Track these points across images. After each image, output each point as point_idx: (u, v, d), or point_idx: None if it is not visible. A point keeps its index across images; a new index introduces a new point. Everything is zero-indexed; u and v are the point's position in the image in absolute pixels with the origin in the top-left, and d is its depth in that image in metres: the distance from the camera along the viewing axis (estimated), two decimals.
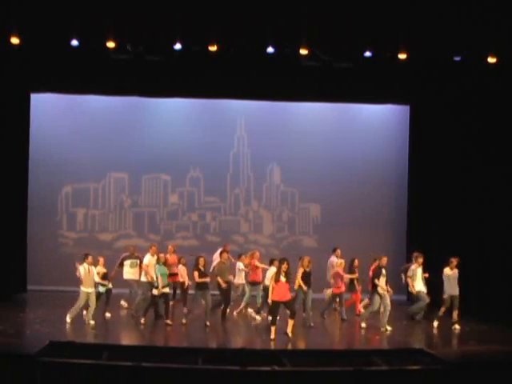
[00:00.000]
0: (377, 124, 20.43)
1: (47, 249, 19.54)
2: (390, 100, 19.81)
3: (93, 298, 14.44)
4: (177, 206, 20.40)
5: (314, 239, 20.35)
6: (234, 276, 16.06)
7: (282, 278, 13.20)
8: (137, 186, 20.28)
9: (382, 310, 15.13)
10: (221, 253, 15.67)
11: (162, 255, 15.03)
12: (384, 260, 14.85)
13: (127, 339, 13.78)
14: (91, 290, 14.45)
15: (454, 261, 15.16)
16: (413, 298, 15.91)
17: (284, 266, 13.20)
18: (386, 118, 20.48)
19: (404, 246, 19.67)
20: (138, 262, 16.07)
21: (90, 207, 20.21)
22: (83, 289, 14.40)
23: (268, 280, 15.12)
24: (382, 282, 14.61)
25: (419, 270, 15.44)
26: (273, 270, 14.89)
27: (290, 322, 13.26)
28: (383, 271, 14.66)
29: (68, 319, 14.31)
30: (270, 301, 13.37)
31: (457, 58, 17.00)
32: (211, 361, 10.90)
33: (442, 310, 15.09)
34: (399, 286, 16.81)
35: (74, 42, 16.06)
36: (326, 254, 17.41)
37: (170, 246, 17.11)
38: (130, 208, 20.30)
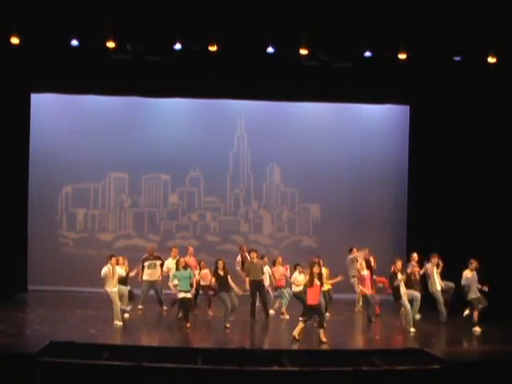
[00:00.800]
0: (377, 124, 20.43)
1: (47, 249, 19.53)
2: (390, 100, 19.81)
3: (116, 298, 14.45)
4: (177, 206, 20.40)
5: (313, 239, 20.35)
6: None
7: (317, 282, 13.14)
8: (137, 186, 20.28)
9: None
10: (249, 252, 15.88)
11: (182, 259, 14.81)
12: (398, 264, 14.70)
13: (127, 339, 13.77)
14: (115, 289, 14.44)
15: (474, 262, 14.89)
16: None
17: (316, 269, 13.14)
18: (385, 117, 20.47)
19: (404, 245, 19.66)
20: (157, 262, 16.15)
21: (90, 207, 20.20)
22: (110, 289, 14.38)
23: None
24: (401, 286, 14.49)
25: (436, 269, 15.36)
26: (296, 274, 15.03)
27: (301, 326, 13.13)
28: (399, 276, 14.53)
29: (119, 323, 14.30)
30: (307, 304, 13.32)
31: (457, 58, 17.01)
32: (211, 361, 10.90)
33: (476, 314, 14.71)
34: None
35: (74, 42, 16.08)
36: (325, 254, 17.38)
37: (190, 248, 17.11)
38: (130, 208, 20.30)
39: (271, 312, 16.13)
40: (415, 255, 16.19)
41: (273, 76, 18.05)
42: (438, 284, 15.36)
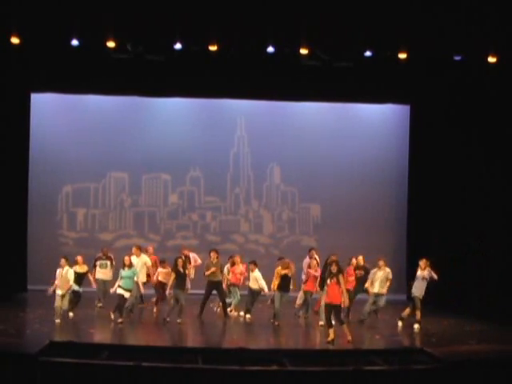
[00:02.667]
0: (377, 124, 20.44)
1: (47, 248, 19.50)
2: (390, 100, 19.82)
3: (65, 300, 14.43)
4: (177, 205, 20.41)
5: (314, 239, 20.34)
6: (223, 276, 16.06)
7: (329, 281, 13.10)
8: (137, 186, 20.29)
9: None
10: (209, 252, 15.92)
11: (127, 258, 14.87)
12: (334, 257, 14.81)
13: (127, 339, 13.78)
14: (62, 292, 14.40)
15: (422, 262, 14.95)
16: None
17: (333, 268, 13.07)
18: (386, 117, 20.48)
19: (404, 245, 19.68)
20: (108, 263, 16.24)
21: (91, 207, 20.22)
22: (57, 291, 14.45)
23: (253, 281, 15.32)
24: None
25: (378, 273, 15.45)
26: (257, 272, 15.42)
27: (345, 328, 13.08)
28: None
29: (57, 320, 14.32)
30: (323, 303, 13.37)
31: (457, 58, 17.00)
32: (211, 361, 10.90)
33: (407, 311, 14.97)
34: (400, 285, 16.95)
35: (74, 42, 16.08)
36: (326, 253, 17.35)
37: (150, 248, 17.16)
38: (130, 208, 20.32)
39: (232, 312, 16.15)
40: (360, 257, 16.21)
41: (273, 76, 18.05)
42: (378, 287, 15.47)
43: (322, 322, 14.55)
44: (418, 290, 14.85)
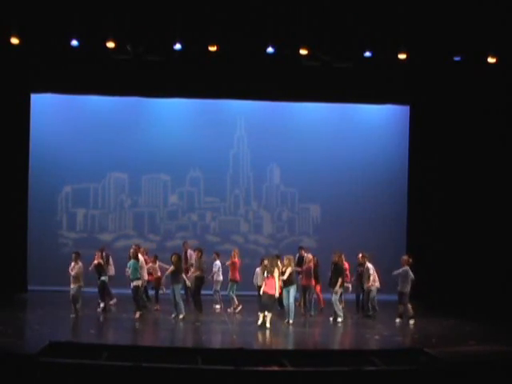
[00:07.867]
0: (377, 124, 20.43)
1: (47, 249, 19.53)
2: (390, 100, 19.81)
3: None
4: (177, 206, 20.41)
5: (313, 239, 20.34)
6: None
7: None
8: (137, 186, 20.28)
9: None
10: (194, 250, 16.51)
11: (131, 250, 15.44)
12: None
13: (127, 339, 13.77)
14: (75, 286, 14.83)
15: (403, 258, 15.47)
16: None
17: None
18: (386, 117, 20.47)
19: (404, 245, 19.67)
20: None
21: (90, 207, 20.22)
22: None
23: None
24: None
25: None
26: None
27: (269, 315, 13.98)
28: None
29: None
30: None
31: (457, 58, 17.01)
32: (211, 361, 10.90)
33: (410, 307, 15.32)
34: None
35: (74, 42, 16.09)
36: (326, 254, 17.40)
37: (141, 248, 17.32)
38: (130, 208, 20.31)
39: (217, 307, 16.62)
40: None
41: (273, 76, 18.06)
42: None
43: (340, 319, 14.98)
44: (402, 285, 15.22)
